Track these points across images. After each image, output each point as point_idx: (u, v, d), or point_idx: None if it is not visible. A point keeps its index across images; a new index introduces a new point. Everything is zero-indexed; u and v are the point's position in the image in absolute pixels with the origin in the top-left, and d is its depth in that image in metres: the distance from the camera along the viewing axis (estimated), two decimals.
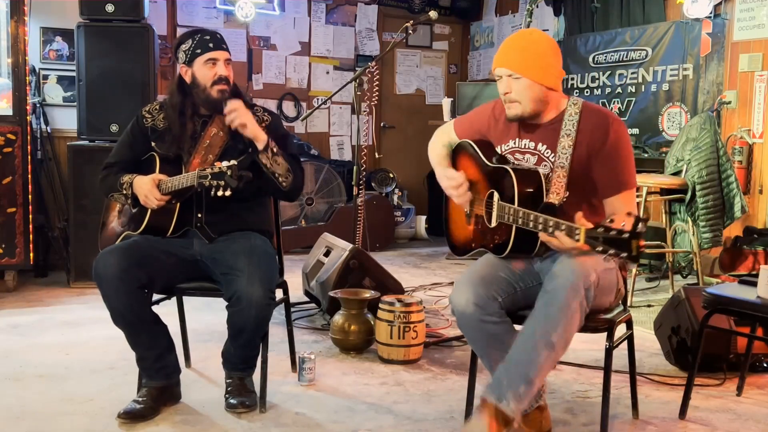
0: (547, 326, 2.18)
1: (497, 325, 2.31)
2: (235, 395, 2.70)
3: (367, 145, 6.89)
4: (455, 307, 2.34)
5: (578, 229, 2.05)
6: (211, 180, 2.53)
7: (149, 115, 2.85)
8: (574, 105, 2.41)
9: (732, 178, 4.49)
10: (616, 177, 2.35)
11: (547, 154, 2.41)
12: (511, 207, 2.27)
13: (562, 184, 2.33)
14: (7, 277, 4.57)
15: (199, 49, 2.72)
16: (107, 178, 2.84)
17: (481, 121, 2.61)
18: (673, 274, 4.89)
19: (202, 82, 2.73)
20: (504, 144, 2.51)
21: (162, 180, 2.69)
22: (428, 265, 5.74)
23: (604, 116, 2.39)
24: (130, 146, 2.87)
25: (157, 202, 2.67)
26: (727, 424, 2.72)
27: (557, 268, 2.22)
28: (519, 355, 2.21)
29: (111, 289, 2.56)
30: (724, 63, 5.05)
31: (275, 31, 6.81)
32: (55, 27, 5.25)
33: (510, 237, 2.31)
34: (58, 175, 5.21)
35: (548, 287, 2.22)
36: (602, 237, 1.99)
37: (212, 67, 2.72)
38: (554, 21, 6.60)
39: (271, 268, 2.72)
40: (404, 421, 2.68)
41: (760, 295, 2.60)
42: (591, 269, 2.20)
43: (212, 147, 2.77)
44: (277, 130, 2.85)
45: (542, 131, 2.44)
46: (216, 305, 2.81)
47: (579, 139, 2.36)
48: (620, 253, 1.96)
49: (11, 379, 3.02)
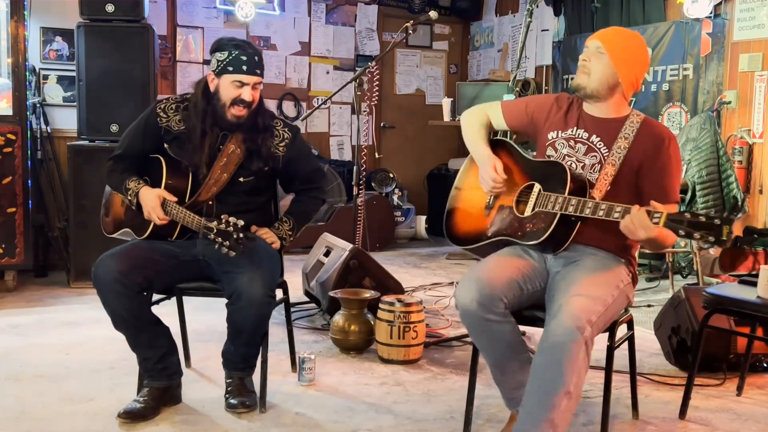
0: (559, 378, 2.12)
1: (501, 324, 2.31)
2: (235, 395, 2.70)
3: (367, 145, 6.88)
4: (459, 303, 2.34)
5: (659, 213, 2.09)
6: (216, 236, 2.50)
7: (164, 115, 2.78)
8: (637, 116, 2.50)
9: (732, 178, 4.49)
10: (667, 190, 2.41)
11: (599, 146, 2.46)
12: (560, 196, 2.31)
13: (608, 182, 2.39)
14: (7, 277, 4.57)
15: (231, 67, 2.67)
16: (113, 174, 2.81)
17: (539, 106, 2.63)
18: (673, 274, 4.89)
19: (223, 98, 2.70)
20: (562, 131, 2.54)
21: (167, 200, 2.66)
22: (428, 265, 5.74)
23: (662, 132, 2.48)
24: (142, 140, 2.81)
25: (159, 222, 2.66)
26: (727, 424, 2.72)
27: (554, 324, 2.16)
28: (538, 405, 2.15)
29: (111, 294, 2.55)
30: (724, 63, 5.05)
31: (275, 31, 6.80)
32: (55, 27, 5.25)
33: (550, 225, 2.32)
34: (58, 175, 5.21)
35: (547, 343, 2.15)
36: (687, 221, 2.01)
37: (237, 89, 2.68)
38: (554, 21, 6.60)
39: (273, 268, 2.72)
40: (404, 421, 2.68)
41: (760, 295, 2.60)
42: (590, 313, 2.16)
43: (228, 165, 2.74)
44: (296, 150, 2.89)
45: (601, 126, 2.49)
46: (216, 305, 2.80)
47: (635, 145, 2.43)
48: (708, 236, 1.98)
49: (11, 379, 3.02)
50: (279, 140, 2.84)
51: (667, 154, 2.42)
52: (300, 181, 2.97)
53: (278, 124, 2.87)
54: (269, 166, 2.81)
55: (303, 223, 2.93)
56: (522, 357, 2.37)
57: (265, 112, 2.83)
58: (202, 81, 2.77)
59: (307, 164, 2.97)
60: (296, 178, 2.96)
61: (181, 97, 2.84)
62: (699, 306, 2.98)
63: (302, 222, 2.93)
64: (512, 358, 2.36)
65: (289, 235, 2.86)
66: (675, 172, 2.45)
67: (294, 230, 2.88)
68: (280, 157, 2.84)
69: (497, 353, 2.36)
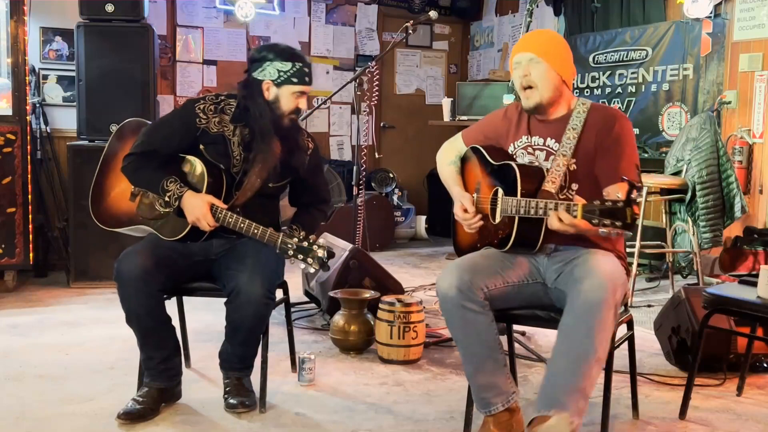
0: (590, 343, 2.15)
1: (477, 314, 2.31)
2: (234, 395, 2.70)
3: (367, 145, 6.88)
4: (439, 289, 2.36)
5: (575, 205, 2.11)
6: (296, 254, 2.48)
7: (204, 116, 2.71)
8: (582, 104, 2.49)
9: (732, 178, 4.49)
10: (616, 168, 2.35)
11: (556, 147, 2.45)
12: (513, 199, 2.32)
13: (561, 173, 2.38)
14: (7, 277, 4.56)
15: (296, 78, 2.67)
16: (141, 171, 2.67)
17: (492, 126, 2.65)
18: (673, 274, 4.89)
19: (283, 107, 2.69)
20: (517, 141, 2.55)
21: (216, 206, 2.59)
22: (428, 265, 5.74)
23: (610, 112, 2.49)
24: (179, 139, 2.69)
25: (209, 228, 2.59)
26: (727, 424, 2.72)
27: (587, 284, 2.19)
28: (569, 372, 2.17)
29: (132, 291, 2.54)
30: (725, 63, 5.05)
31: (275, 31, 6.80)
32: (54, 27, 5.25)
33: (513, 230, 2.34)
34: (58, 175, 5.21)
35: (579, 301, 2.18)
36: (599, 209, 2.02)
37: (297, 99, 2.70)
38: (554, 21, 6.59)
39: (274, 269, 2.72)
40: (404, 421, 2.68)
41: (760, 295, 2.60)
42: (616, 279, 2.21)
43: (262, 171, 2.70)
44: (316, 159, 2.92)
45: (551, 127, 2.49)
46: (216, 305, 2.80)
47: (585, 132, 2.42)
48: (616, 222, 1.98)
49: (11, 379, 3.02)
50: (305, 148, 2.85)
51: (616, 133, 2.40)
52: (310, 193, 2.94)
53: (303, 134, 2.87)
54: (296, 174, 2.82)
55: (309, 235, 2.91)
56: (497, 357, 2.36)
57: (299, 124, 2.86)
58: (258, 88, 2.69)
59: (321, 179, 3.00)
60: (308, 191, 2.94)
61: (217, 98, 2.77)
62: (699, 306, 2.98)
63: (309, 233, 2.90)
64: (487, 357, 2.34)
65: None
66: (627, 150, 2.40)
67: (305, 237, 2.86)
68: (305, 165, 2.85)
69: (472, 347, 2.34)
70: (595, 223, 2.04)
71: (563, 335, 2.22)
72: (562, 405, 2.16)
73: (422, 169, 7.30)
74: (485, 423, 2.43)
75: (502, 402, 2.37)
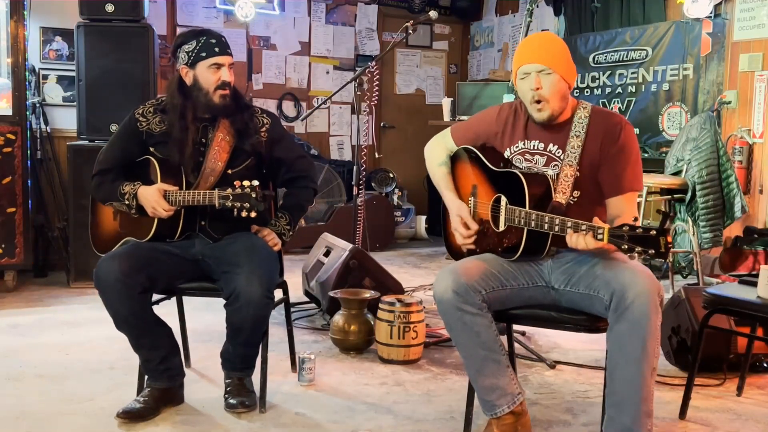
0: (645, 355, 2.13)
1: (475, 316, 2.28)
2: (234, 395, 2.70)
3: (367, 145, 6.89)
4: (435, 291, 2.34)
5: (601, 228, 2.07)
6: (234, 201, 2.52)
7: (143, 119, 2.79)
8: (583, 108, 2.44)
9: (732, 178, 4.49)
10: (621, 178, 2.36)
11: (558, 154, 2.42)
12: (522, 210, 2.28)
13: (569, 183, 2.35)
14: (7, 277, 4.56)
15: (204, 53, 2.69)
16: (102, 186, 2.79)
17: (485, 125, 2.59)
18: (673, 274, 4.89)
19: (205, 86, 2.71)
20: (513, 146, 2.50)
21: (169, 191, 2.65)
22: (428, 265, 5.74)
23: (614, 119, 2.42)
24: (122, 150, 2.82)
25: (166, 213, 2.64)
26: (727, 424, 2.71)
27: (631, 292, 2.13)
28: (632, 391, 2.15)
29: (113, 295, 2.55)
30: (725, 63, 5.05)
31: (275, 31, 6.81)
32: (54, 27, 5.24)
33: (521, 240, 2.31)
34: (58, 175, 5.21)
35: (624, 308, 2.13)
36: (627, 235, 2.00)
37: (216, 72, 2.70)
38: (554, 21, 6.59)
39: (271, 268, 2.72)
40: (404, 421, 2.68)
41: (760, 295, 2.60)
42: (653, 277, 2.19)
43: (221, 153, 2.74)
44: (277, 133, 2.88)
45: (552, 132, 2.44)
46: (216, 305, 2.80)
47: (589, 140, 2.38)
48: (648, 250, 1.96)
49: (11, 379, 3.02)
50: (260, 125, 2.84)
51: (621, 142, 2.37)
52: (287, 168, 2.92)
53: (256, 111, 2.88)
54: (258, 150, 2.81)
55: (299, 216, 2.92)
56: (499, 358, 2.33)
57: (242, 95, 2.86)
58: (175, 79, 2.78)
59: (291, 150, 2.95)
60: (282, 164, 2.92)
61: (157, 100, 2.85)
62: (699, 306, 2.98)
63: (298, 215, 2.91)
64: (488, 358, 2.32)
65: (287, 230, 2.85)
66: (632, 156, 2.38)
67: (291, 225, 2.87)
68: (263, 141, 2.84)
69: (472, 349, 2.32)
70: (625, 249, 2.00)
71: (616, 347, 2.16)
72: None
73: (422, 169, 7.20)
74: (489, 426, 2.42)
75: (507, 404, 2.35)
